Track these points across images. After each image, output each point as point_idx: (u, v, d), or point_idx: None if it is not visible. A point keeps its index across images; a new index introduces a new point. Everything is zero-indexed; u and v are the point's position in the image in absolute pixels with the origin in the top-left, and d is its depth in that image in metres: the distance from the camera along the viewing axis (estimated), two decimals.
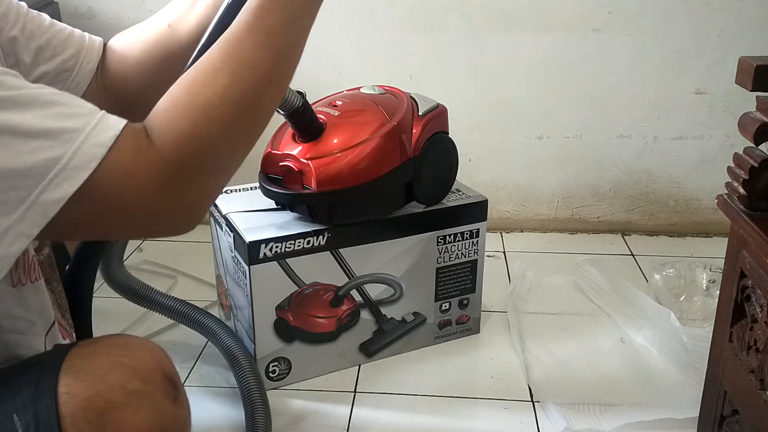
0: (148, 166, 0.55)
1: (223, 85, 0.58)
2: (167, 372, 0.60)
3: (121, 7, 1.63)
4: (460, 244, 1.25)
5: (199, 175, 0.58)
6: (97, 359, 0.57)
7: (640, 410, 1.10)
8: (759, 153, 0.86)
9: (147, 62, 0.84)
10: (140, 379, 0.57)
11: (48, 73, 0.81)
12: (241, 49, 0.60)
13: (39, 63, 0.81)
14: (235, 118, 0.59)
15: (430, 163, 1.19)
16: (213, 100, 0.58)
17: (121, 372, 0.57)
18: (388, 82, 1.27)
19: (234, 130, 0.59)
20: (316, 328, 1.18)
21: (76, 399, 0.54)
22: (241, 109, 0.59)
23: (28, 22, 0.80)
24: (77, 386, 0.55)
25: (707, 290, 1.38)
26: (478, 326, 1.34)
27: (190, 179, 0.57)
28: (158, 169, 0.55)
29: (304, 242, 1.11)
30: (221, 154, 0.59)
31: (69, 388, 0.54)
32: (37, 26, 0.81)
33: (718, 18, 1.57)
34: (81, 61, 0.84)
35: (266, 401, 1.07)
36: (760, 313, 0.84)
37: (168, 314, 1.19)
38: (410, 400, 1.16)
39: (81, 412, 0.54)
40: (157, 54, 0.84)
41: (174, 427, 0.58)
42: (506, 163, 1.74)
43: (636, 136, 1.69)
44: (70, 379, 0.55)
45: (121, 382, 0.56)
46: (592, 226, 1.78)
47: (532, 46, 1.62)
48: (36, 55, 0.80)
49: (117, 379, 0.56)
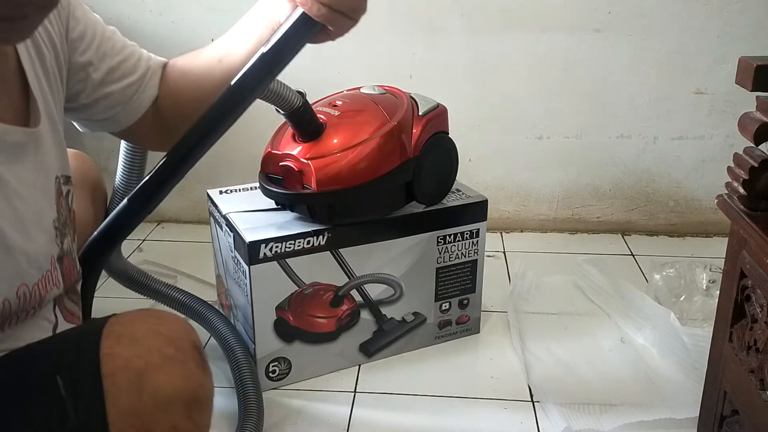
0: None
1: None
2: (195, 342, 0.63)
3: (121, 7, 1.63)
4: (460, 244, 1.25)
5: None
6: (136, 326, 0.61)
7: (640, 410, 1.10)
8: (759, 153, 0.86)
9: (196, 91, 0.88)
10: (174, 345, 0.60)
11: (113, 93, 0.85)
12: None
13: (107, 83, 0.84)
14: None
15: (430, 163, 1.19)
16: None
17: (158, 338, 0.60)
18: (388, 82, 1.27)
19: None
20: (316, 328, 1.18)
21: (118, 359, 0.57)
22: None
23: (103, 42, 0.84)
24: (119, 348, 0.57)
25: (707, 290, 1.38)
26: (478, 326, 1.34)
27: None
28: None
29: (304, 242, 1.11)
30: None
31: (111, 349, 0.57)
32: (110, 48, 0.84)
33: (718, 18, 1.57)
34: (145, 85, 0.88)
35: (260, 400, 1.07)
36: (760, 313, 0.84)
37: (169, 303, 1.21)
38: (410, 400, 1.16)
39: (122, 371, 0.56)
40: (205, 84, 0.87)
41: (201, 392, 0.61)
42: (506, 163, 1.74)
43: (636, 136, 1.69)
44: (112, 341, 0.58)
45: (158, 347, 0.59)
46: (592, 226, 1.78)
47: (532, 46, 1.62)
48: (106, 76, 0.84)
49: (154, 343, 0.59)
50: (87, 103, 0.84)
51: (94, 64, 0.82)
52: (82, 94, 0.83)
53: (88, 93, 0.83)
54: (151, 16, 1.63)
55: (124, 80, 0.85)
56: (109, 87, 0.84)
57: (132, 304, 1.25)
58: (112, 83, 0.84)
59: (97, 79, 0.83)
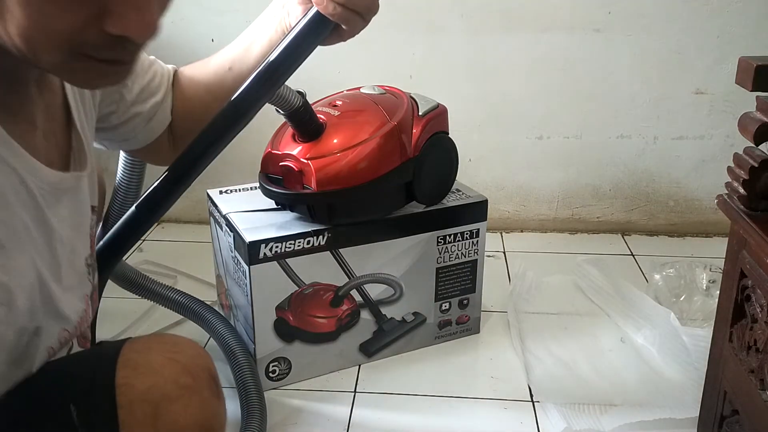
0: None
1: None
2: (211, 370, 0.63)
3: None
4: (460, 244, 1.25)
5: None
6: (153, 355, 0.60)
7: (640, 410, 1.10)
8: (759, 153, 0.86)
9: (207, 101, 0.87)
10: (190, 375, 0.60)
11: (142, 113, 0.85)
12: None
13: (138, 103, 0.84)
14: None
15: (430, 163, 1.19)
16: None
17: (175, 367, 0.59)
18: (388, 82, 1.27)
19: None
20: (316, 328, 1.18)
21: (134, 390, 0.56)
22: None
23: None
24: (135, 378, 0.57)
25: (707, 290, 1.37)
26: (478, 326, 1.34)
27: None
28: None
29: (304, 242, 1.11)
30: None
31: (127, 379, 0.57)
32: (140, 67, 0.84)
33: (718, 18, 1.57)
34: (164, 102, 0.87)
35: (262, 400, 1.07)
36: (760, 313, 0.84)
37: (168, 305, 1.21)
38: (410, 400, 1.16)
39: (138, 402, 0.56)
40: (219, 94, 0.86)
41: (216, 421, 0.61)
42: (506, 163, 1.74)
43: (636, 136, 1.69)
44: (128, 371, 0.57)
45: (175, 377, 0.59)
46: (592, 226, 1.78)
47: (532, 46, 1.62)
48: (137, 96, 0.84)
49: (171, 373, 0.59)
50: (118, 124, 0.83)
51: (128, 85, 0.81)
52: (114, 115, 0.82)
53: (120, 114, 0.82)
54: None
55: (151, 99, 0.85)
56: (138, 107, 0.83)
57: (131, 304, 1.25)
58: (141, 103, 0.84)
59: (130, 99, 0.82)
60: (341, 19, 0.75)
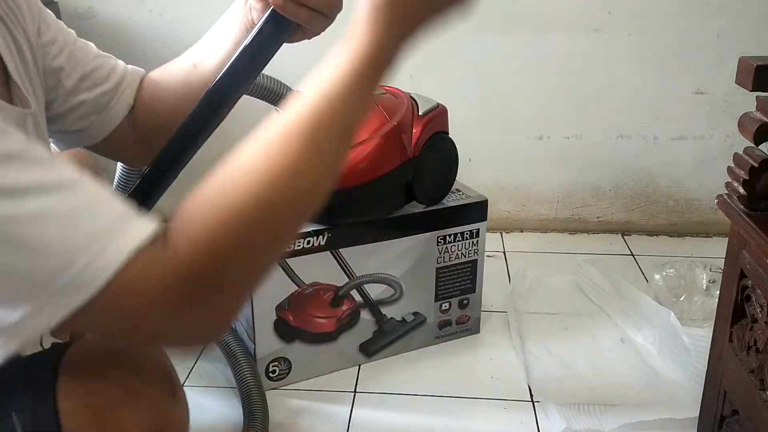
0: (161, 279, 0.49)
1: (260, 191, 0.51)
2: (165, 368, 0.60)
3: (121, 7, 1.63)
4: (460, 244, 1.25)
5: (221, 286, 0.51)
6: (97, 356, 0.57)
7: (640, 410, 1.10)
8: (759, 153, 0.86)
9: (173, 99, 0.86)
10: (139, 376, 0.57)
11: (87, 101, 0.83)
12: (286, 154, 0.52)
13: (80, 91, 0.82)
14: (267, 227, 0.52)
15: (430, 163, 1.19)
16: (246, 202, 0.50)
17: (120, 369, 0.57)
18: (387, 82, 1.27)
19: (264, 241, 0.52)
20: (316, 328, 1.18)
21: (76, 396, 0.54)
22: (276, 219, 0.52)
23: (75, 50, 0.82)
24: (76, 383, 0.55)
25: (707, 290, 1.37)
26: (478, 326, 1.34)
27: (210, 296, 0.50)
28: (173, 281, 0.49)
29: (304, 242, 1.11)
30: (248, 263, 0.52)
31: (68, 384, 0.54)
32: (84, 55, 0.82)
33: (718, 18, 1.57)
34: (120, 94, 0.85)
35: (264, 400, 1.07)
36: (760, 313, 0.84)
37: None
38: (410, 400, 1.16)
39: (81, 409, 0.53)
40: (182, 92, 0.85)
41: (172, 424, 0.58)
42: (506, 163, 1.74)
43: (636, 136, 1.69)
44: (69, 377, 0.55)
45: (120, 380, 0.56)
46: (592, 226, 1.78)
47: (532, 46, 1.62)
48: (78, 83, 0.82)
49: (116, 376, 0.56)
50: (60, 113, 0.82)
51: (66, 69, 0.80)
52: (54, 102, 0.81)
53: (61, 101, 0.81)
54: (151, 16, 1.63)
55: (96, 89, 0.83)
56: (81, 95, 0.81)
57: None
58: (85, 91, 0.82)
59: (69, 86, 0.80)
60: (299, 18, 0.73)
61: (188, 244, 0.49)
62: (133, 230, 0.49)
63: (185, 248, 0.49)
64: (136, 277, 0.48)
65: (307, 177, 0.53)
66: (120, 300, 0.48)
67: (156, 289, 0.48)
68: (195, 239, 0.49)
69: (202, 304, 0.50)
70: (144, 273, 0.48)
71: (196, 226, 0.50)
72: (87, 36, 0.88)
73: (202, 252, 0.49)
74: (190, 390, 1.18)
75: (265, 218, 0.51)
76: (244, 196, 0.50)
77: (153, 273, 0.49)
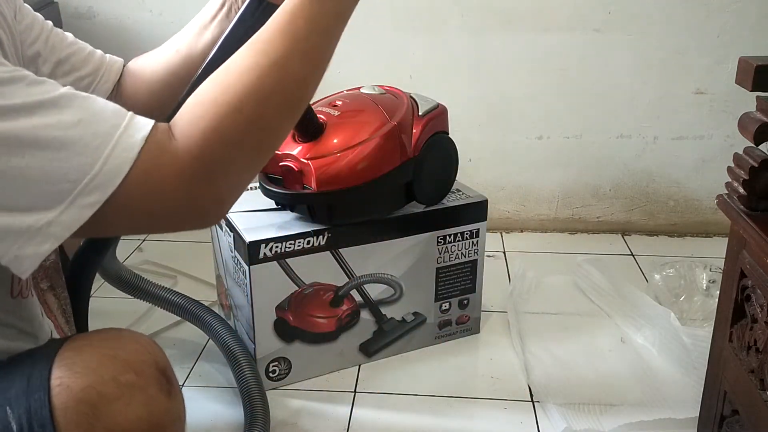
0: (171, 165, 0.55)
1: (252, 83, 0.58)
2: (160, 365, 0.60)
3: (121, 7, 1.63)
4: (460, 244, 1.25)
5: (224, 170, 0.58)
6: (90, 352, 0.58)
7: (640, 410, 1.10)
8: (759, 153, 0.86)
9: (156, 85, 0.86)
10: (133, 371, 0.57)
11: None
12: (271, 50, 0.60)
13: (57, 76, 0.82)
14: (262, 115, 0.59)
15: (430, 163, 1.19)
16: (240, 96, 0.58)
17: (114, 365, 0.57)
18: (388, 82, 1.27)
19: (260, 126, 0.59)
20: (316, 328, 1.18)
21: (69, 391, 0.54)
22: (269, 106, 0.59)
23: (51, 36, 0.82)
24: (70, 378, 0.55)
25: (707, 290, 1.37)
26: (478, 326, 1.34)
27: (215, 175, 0.57)
28: (183, 167, 0.56)
29: (304, 242, 1.11)
30: (247, 150, 0.60)
31: (62, 380, 0.55)
32: (59, 41, 0.83)
33: (718, 18, 1.57)
34: (98, 80, 0.86)
35: (265, 400, 1.07)
36: (760, 313, 0.84)
37: (164, 306, 1.19)
38: (410, 400, 1.16)
39: (74, 404, 0.54)
40: (165, 78, 0.86)
41: (167, 419, 0.58)
42: (506, 163, 1.74)
43: (636, 136, 1.69)
44: (62, 372, 0.55)
45: (114, 375, 0.56)
46: (592, 226, 1.78)
47: (532, 46, 1.62)
48: (54, 68, 0.82)
49: (110, 371, 0.56)
50: None
51: (43, 55, 0.80)
52: None
53: None
54: (151, 16, 1.63)
55: (74, 73, 0.83)
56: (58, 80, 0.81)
57: (131, 304, 1.25)
58: (62, 76, 0.82)
59: (45, 71, 0.80)
60: None
61: (195, 130, 0.57)
62: (138, 124, 0.56)
63: (192, 134, 0.56)
64: (151, 164, 0.55)
65: (293, 68, 0.60)
66: (141, 187, 0.55)
67: (170, 172, 0.55)
68: (201, 127, 0.57)
69: (210, 182, 0.57)
70: (157, 160, 0.55)
71: (200, 117, 0.57)
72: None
73: (208, 138, 0.56)
74: (190, 390, 1.18)
75: (259, 108, 0.59)
76: (241, 88, 0.58)
77: (165, 158, 0.55)
